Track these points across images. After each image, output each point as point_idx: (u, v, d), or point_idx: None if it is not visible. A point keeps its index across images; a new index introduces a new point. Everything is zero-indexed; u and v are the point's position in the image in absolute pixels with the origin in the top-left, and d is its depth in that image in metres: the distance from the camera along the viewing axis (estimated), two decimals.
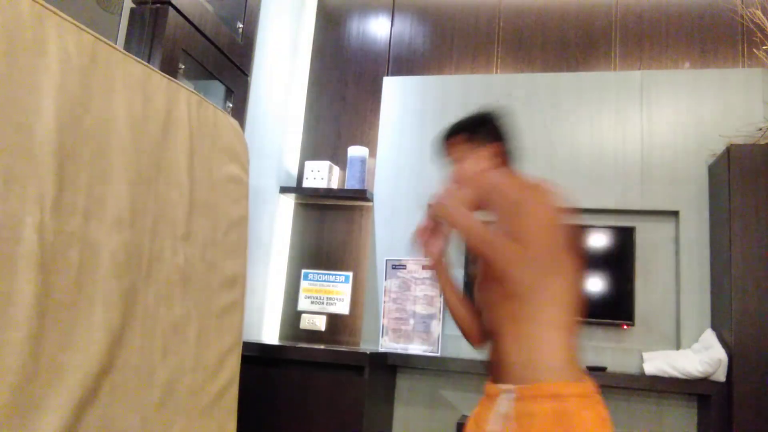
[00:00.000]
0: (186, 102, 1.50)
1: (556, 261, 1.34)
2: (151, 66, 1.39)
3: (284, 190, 3.10)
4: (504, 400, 1.28)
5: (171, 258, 1.43)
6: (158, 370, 1.38)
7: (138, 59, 1.35)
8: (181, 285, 1.46)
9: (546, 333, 1.29)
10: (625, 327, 2.70)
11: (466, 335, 1.57)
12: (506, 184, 1.53)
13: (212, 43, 2.23)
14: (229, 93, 2.43)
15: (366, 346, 2.89)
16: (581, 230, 1.37)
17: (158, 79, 1.40)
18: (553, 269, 1.32)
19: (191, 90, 1.54)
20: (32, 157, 1.06)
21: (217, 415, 1.60)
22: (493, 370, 1.39)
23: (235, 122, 1.73)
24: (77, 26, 1.17)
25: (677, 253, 2.73)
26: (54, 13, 1.12)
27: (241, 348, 1.70)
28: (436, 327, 2.79)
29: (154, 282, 1.37)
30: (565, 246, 1.36)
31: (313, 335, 3.06)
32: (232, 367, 1.68)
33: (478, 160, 1.55)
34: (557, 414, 1.21)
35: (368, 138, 3.24)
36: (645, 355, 2.57)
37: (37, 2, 1.08)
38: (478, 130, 1.58)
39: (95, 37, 1.21)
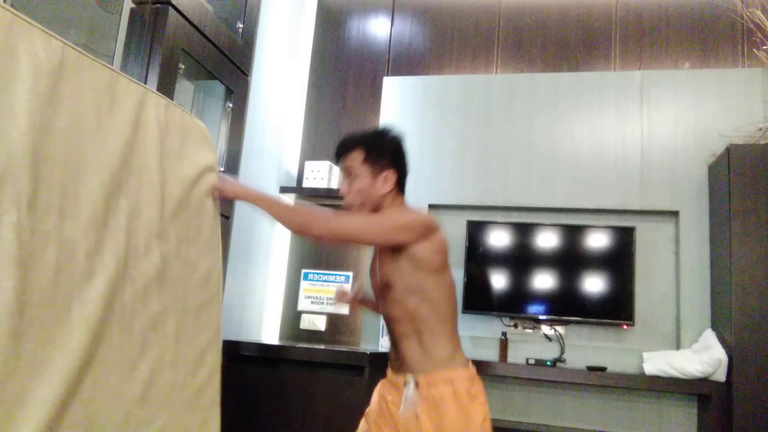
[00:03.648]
0: (154, 105, 1.54)
1: (434, 265, 1.57)
2: (117, 70, 1.43)
3: (284, 190, 3.10)
4: (409, 388, 1.54)
5: (146, 256, 1.46)
6: (139, 366, 1.41)
7: (105, 63, 1.39)
8: (157, 282, 1.50)
9: (439, 338, 1.57)
10: (625, 327, 2.70)
11: None
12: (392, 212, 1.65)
13: (212, 43, 2.23)
14: (229, 93, 2.43)
15: (366, 346, 2.89)
16: (447, 247, 1.63)
17: (125, 82, 1.44)
18: (433, 272, 1.56)
19: (158, 93, 1.59)
20: (7, 159, 1.09)
21: (200, 409, 1.64)
22: (395, 363, 1.64)
23: (201, 124, 1.77)
24: (45, 32, 1.21)
25: (677, 253, 2.73)
26: (23, 19, 1.15)
27: (220, 343, 1.74)
28: None
29: (130, 279, 1.41)
30: (440, 253, 1.58)
31: (313, 335, 3.06)
32: (213, 362, 1.72)
33: (372, 181, 1.63)
34: (453, 395, 1.51)
35: None
36: (645, 355, 2.57)
37: (7, 9, 1.12)
38: (378, 152, 1.65)
39: (63, 42, 1.25)
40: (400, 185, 1.69)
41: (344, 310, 3.02)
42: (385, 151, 1.66)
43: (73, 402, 1.20)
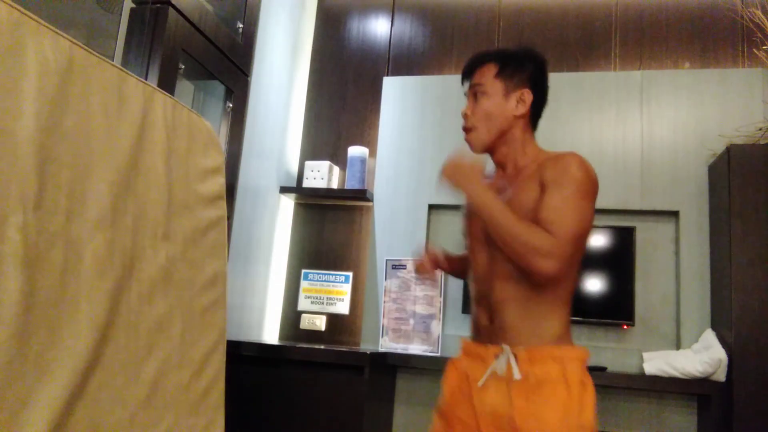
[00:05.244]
0: (161, 105, 1.54)
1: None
2: (125, 69, 1.43)
3: (284, 190, 3.10)
4: (502, 361, 1.28)
5: (152, 257, 1.46)
6: (144, 367, 1.41)
7: (113, 63, 1.39)
8: (163, 283, 1.49)
9: (552, 306, 1.32)
10: (625, 327, 2.70)
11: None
12: (533, 147, 1.40)
13: (212, 43, 2.23)
14: (229, 93, 2.43)
15: (366, 346, 2.89)
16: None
17: (133, 82, 1.44)
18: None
19: (165, 93, 1.58)
20: (14, 159, 1.08)
21: (205, 411, 1.64)
22: (484, 333, 1.38)
23: (208, 124, 1.76)
24: (54, 31, 1.20)
25: (677, 253, 2.73)
26: (31, 18, 1.14)
27: (225, 345, 1.74)
28: (436, 327, 2.79)
29: (136, 280, 1.40)
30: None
31: (313, 335, 3.06)
32: (217, 364, 1.72)
33: (503, 100, 1.38)
34: (562, 377, 1.24)
35: (368, 138, 3.24)
36: (645, 355, 2.57)
37: (15, 8, 1.11)
38: (515, 67, 1.39)
39: (71, 41, 1.25)
40: (534, 116, 1.41)
41: (428, 281, 2.63)
42: (525, 66, 1.38)
43: (78, 404, 1.20)
